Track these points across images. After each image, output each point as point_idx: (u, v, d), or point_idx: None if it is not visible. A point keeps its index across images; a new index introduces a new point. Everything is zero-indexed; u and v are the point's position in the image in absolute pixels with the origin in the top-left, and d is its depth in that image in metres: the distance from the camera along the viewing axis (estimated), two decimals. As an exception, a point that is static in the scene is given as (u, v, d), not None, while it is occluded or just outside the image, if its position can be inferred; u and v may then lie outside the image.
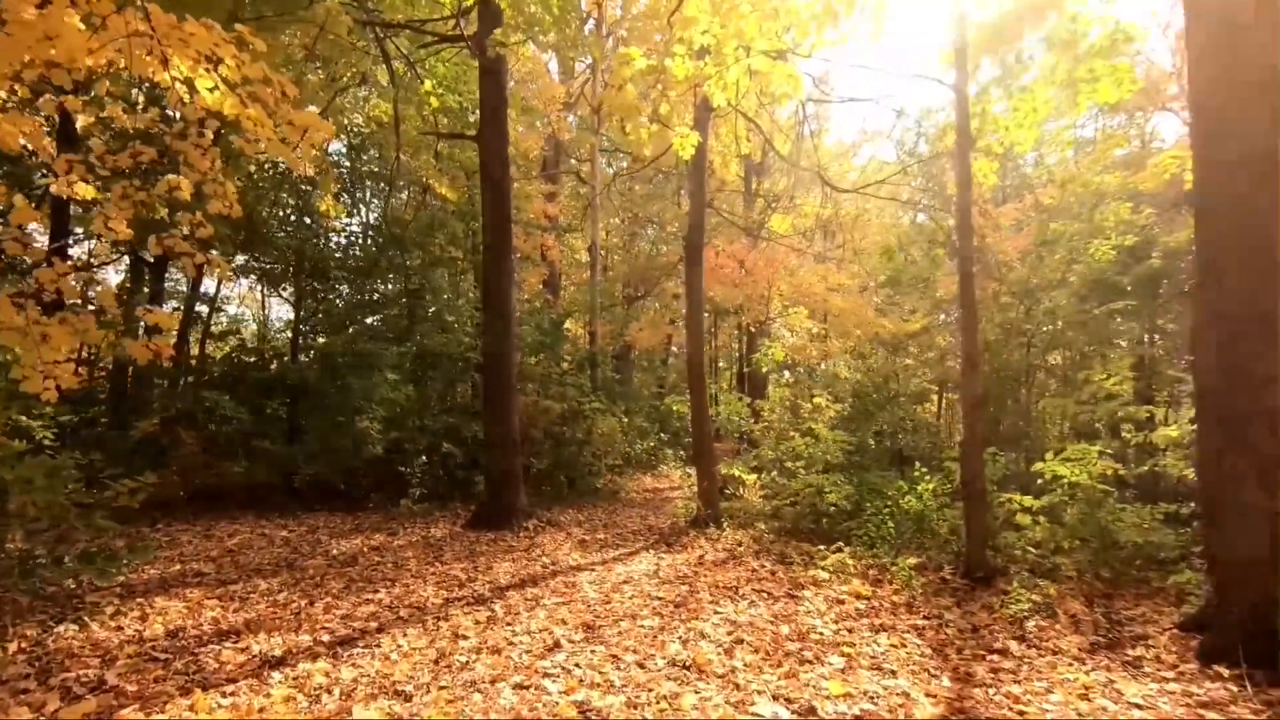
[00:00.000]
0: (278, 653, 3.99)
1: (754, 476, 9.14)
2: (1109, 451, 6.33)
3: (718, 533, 8.03)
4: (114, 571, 4.48)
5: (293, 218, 11.83)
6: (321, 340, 12.33)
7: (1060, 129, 12.39)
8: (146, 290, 13.15)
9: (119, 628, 4.36)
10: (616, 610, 5.06)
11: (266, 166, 10.44)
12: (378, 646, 4.16)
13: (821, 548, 6.93)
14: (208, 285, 17.39)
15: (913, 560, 6.09)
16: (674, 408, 12.58)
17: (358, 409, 10.71)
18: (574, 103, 20.38)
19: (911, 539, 6.95)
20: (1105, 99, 8.29)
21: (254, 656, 3.91)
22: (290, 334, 12.95)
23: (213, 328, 14.72)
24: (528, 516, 8.60)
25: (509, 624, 4.70)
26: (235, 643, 4.13)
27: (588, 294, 17.49)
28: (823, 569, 6.20)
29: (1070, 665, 4.10)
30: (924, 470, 7.26)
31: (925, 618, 4.99)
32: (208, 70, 4.11)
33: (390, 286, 14.30)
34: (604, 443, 12.68)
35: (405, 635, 4.39)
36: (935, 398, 17.88)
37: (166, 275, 13.61)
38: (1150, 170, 10.83)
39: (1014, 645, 4.42)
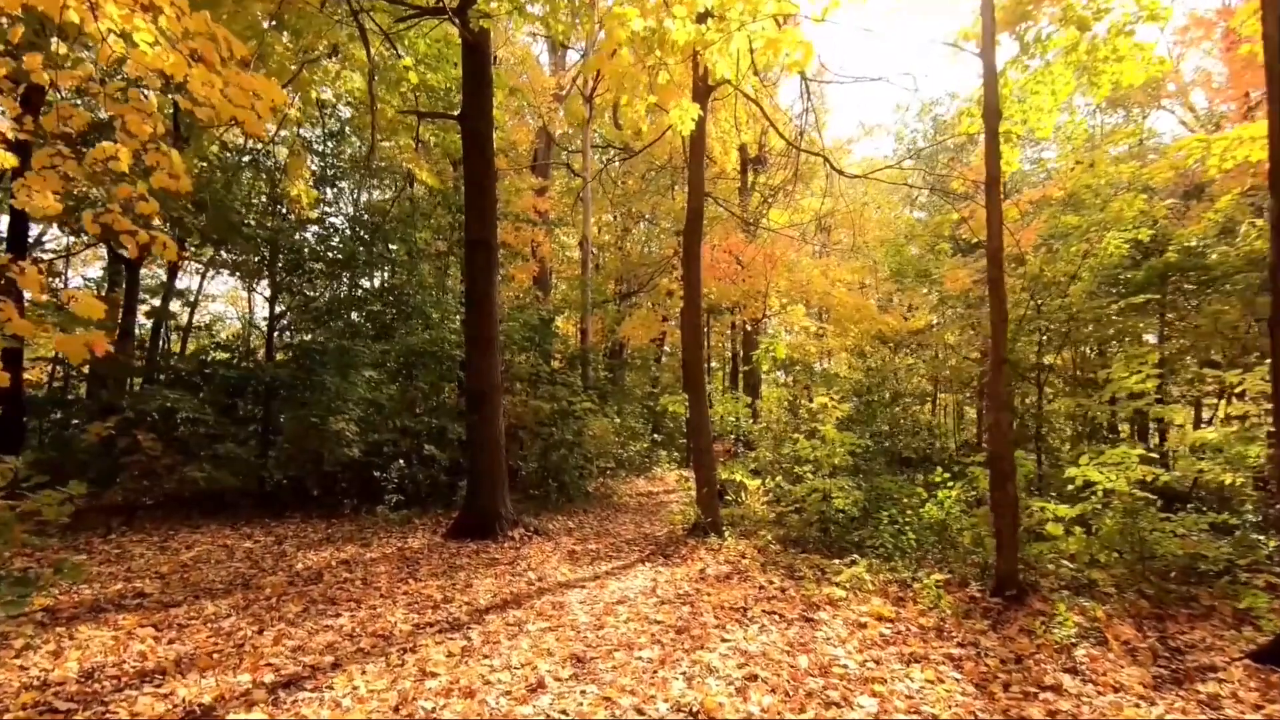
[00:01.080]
0: (207, 699, 3.35)
1: (757, 482, 8.55)
2: (1151, 455, 5.78)
3: (719, 542, 7.43)
4: (22, 600, 3.82)
5: (265, 206, 11.17)
6: (299, 337, 11.67)
7: (1070, 122, 11.92)
8: (123, 286, 12.50)
9: (23, 668, 3.71)
10: (610, 638, 4.45)
11: (233, 148, 9.76)
12: (329, 689, 3.53)
13: (837, 562, 6.35)
14: (183, 281, 16.74)
15: (938, 576, 5.51)
16: (669, 407, 11.96)
17: (333, 409, 10.03)
18: (566, 95, 19.84)
19: (932, 551, 6.37)
20: (1130, 79, 7.80)
21: (176, 706, 3.27)
22: (265, 330, 12.25)
23: (195, 326, 14.07)
24: (513, 525, 7.97)
25: (486, 656, 4.08)
26: (158, 686, 3.49)
27: (579, 290, 16.87)
28: (838, 586, 5.61)
29: (1137, 706, 3.53)
30: (945, 475, 6.67)
31: (960, 645, 4.41)
32: (145, 21, 3.51)
33: (372, 281, 13.67)
34: (596, 444, 12.07)
35: (364, 673, 3.75)
36: (937, 398, 17.43)
37: (142, 272, 12.96)
38: (1166, 158, 10.36)
39: (1067, 680, 3.85)
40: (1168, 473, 6.02)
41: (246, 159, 10.20)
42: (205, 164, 9.95)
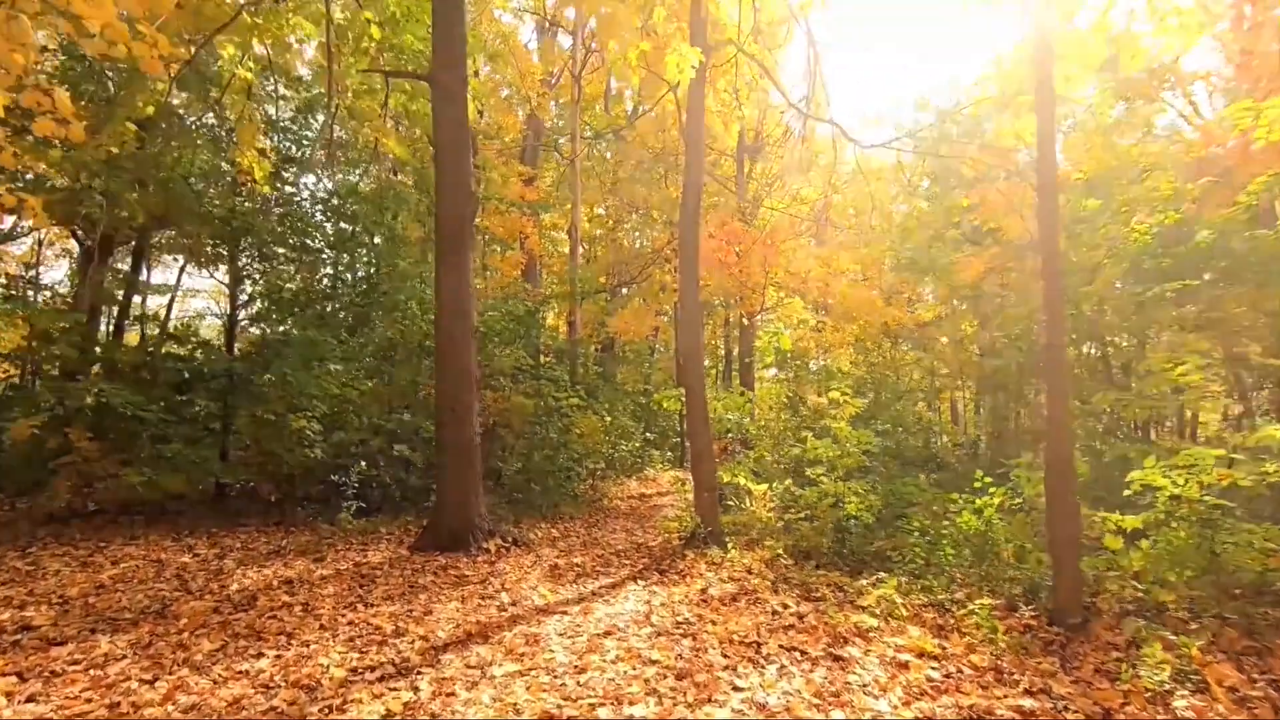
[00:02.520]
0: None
1: (763, 486, 7.68)
2: (1234, 456, 4.95)
3: (720, 555, 6.56)
4: None
5: (227, 185, 10.19)
6: (268, 329, 10.70)
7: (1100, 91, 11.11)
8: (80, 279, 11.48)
9: None
10: (595, 685, 3.57)
11: (179, 111, 8.79)
12: (213, 775, 2.63)
13: (862, 581, 5.49)
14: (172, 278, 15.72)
15: (984, 600, 4.66)
16: (664, 404, 11.08)
17: (295, 406, 9.09)
18: (556, 83, 18.91)
19: (969, 567, 5.52)
20: (1183, 38, 7.07)
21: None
22: (226, 320, 11.26)
23: (146, 317, 13.03)
24: (488, 535, 7.07)
25: (435, 716, 3.19)
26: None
27: (567, 281, 15.96)
28: (867, 612, 4.75)
29: (1283, 787, 2.69)
30: (985, 478, 5.80)
31: (1029, 693, 3.55)
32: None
33: (347, 269, 12.71)
34: (584, 444, 11.19)
35: (268, 746, 2.86)
36: (937, 395, 16.62)
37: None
38: (1206, 132, 9.60)
39: (1178, 746, 3.01)
40: (1243, 475, 5.18)
41: (198, 126, 9.23)
42: (151, 134, 8.97)
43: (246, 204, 9.96)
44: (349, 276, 12.12)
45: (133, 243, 11.20)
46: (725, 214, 16.49)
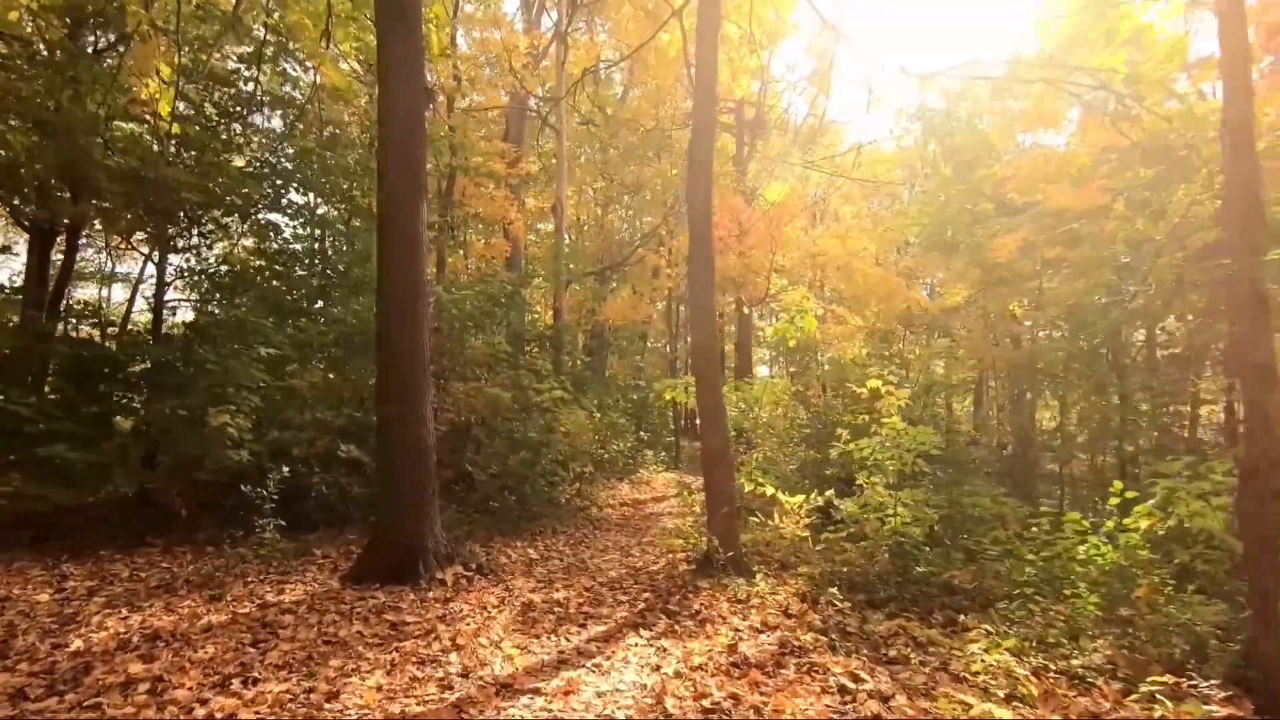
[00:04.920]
0: None
1: (799, 498, 6.18)
2: None
3: (745, 588, 5.04)
4: None
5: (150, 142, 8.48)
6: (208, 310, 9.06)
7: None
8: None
9: None
10: None
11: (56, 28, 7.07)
12: None
13: (936, 627, 4.00)
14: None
15: (1158, 676, 3.18)
16: (667, 395, 9.57)
17: (217, 398, 7.48)
18: (541, 54, 17.34)
19: (1106, 613, 4.02)
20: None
21: None
22: (151, 300, 9.59)
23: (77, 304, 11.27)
24: (446, 561, 5.52)
25: None
26: None
27: (552, 268, 14.40)
28: (977, 688, 3.26)
29: None
30: (1126, 491, 4.29)
31: None
32: None
33: (293, 240, 11.02)
34: (570, 444, 9.64)
35: None
36: (963, 390, 15.24)
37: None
38: None
39: None
40: None
41: (94, 47, 7.51)
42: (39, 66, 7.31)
43: (165, 153, 8.27)
44: (297, 249, 10.47)
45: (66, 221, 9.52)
46: (725, 188, 14.99)
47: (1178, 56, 8.09)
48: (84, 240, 13.96)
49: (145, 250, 9.60)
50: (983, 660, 3.46)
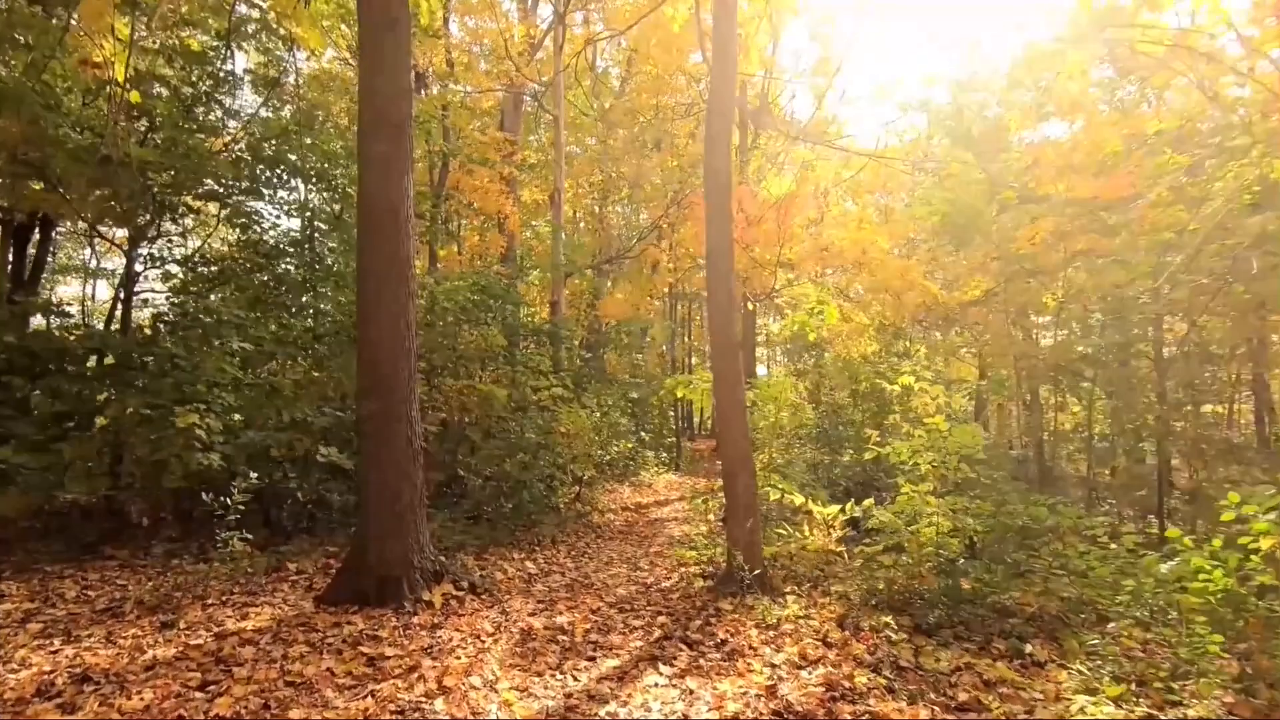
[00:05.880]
0: None
1: (834, 508, 5.57)
2: None
3: (775, 611, 4.43)
4: None
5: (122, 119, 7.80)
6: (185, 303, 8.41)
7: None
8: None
9: None
10: None
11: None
12: None
13: (1002, 660, 3.39)
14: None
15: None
16: (679, 392, 8.94)
17: (186, 396, 6.83)
18: (538, 45, 16.71)
19: (1206, 645, 3.42)
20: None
21: None
22: (119, 289, 8.92)
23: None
24: (434, 578, 4.89)
25: None
26: None
27: (551, 253, 13.75)
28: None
29: None
30: (1247, 504, 3.62)
31: None
32: None
33: (276, 228, 10.35)
34: (569, 445, 9.01)
35: None
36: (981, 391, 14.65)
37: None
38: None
39: None
40: None
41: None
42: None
43: (127, 128, 7.60)
44: (280, 239, 9.81)
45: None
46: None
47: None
48: (62, 233, 13.31)
49: (114, 239, 8.95)
50: (1083, 709, 2.86)
